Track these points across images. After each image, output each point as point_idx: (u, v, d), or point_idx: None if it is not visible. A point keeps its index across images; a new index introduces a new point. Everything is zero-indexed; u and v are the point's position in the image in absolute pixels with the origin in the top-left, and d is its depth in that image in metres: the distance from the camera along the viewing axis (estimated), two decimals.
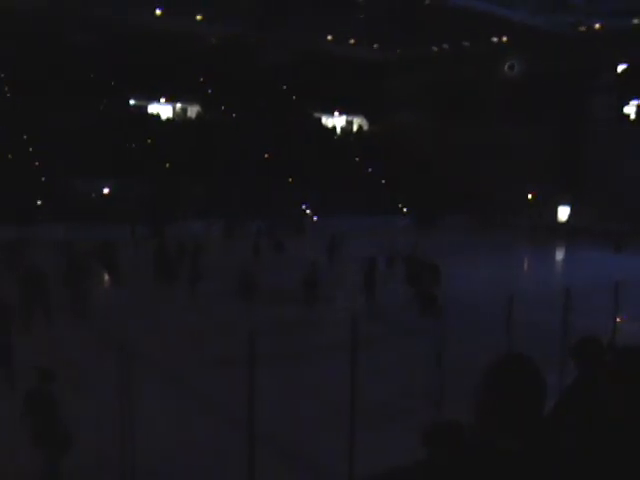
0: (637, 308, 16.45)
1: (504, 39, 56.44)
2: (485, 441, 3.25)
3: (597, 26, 50.81)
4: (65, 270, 21.37)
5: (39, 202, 42.57)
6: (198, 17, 52.16)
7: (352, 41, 59.30)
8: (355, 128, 73.32)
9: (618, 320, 16.18)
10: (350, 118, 73.58)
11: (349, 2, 47.61)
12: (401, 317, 20.88)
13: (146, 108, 60.65)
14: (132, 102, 59.34)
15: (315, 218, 49.64)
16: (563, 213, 55.94)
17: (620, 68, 56.30)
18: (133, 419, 9.00)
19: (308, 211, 50.74)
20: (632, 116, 56.19)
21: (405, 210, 55.65)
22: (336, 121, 72.45)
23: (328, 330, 19.84)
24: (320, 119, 71.00)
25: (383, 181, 58.61)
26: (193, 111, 63.00)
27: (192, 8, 50.00)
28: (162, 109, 61.40)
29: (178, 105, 63.00)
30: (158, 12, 50.98)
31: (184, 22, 52.38)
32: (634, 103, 55.87)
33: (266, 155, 56.04)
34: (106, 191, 45.92)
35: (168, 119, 60.89)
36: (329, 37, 58.18)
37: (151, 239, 35.05)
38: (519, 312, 12.78)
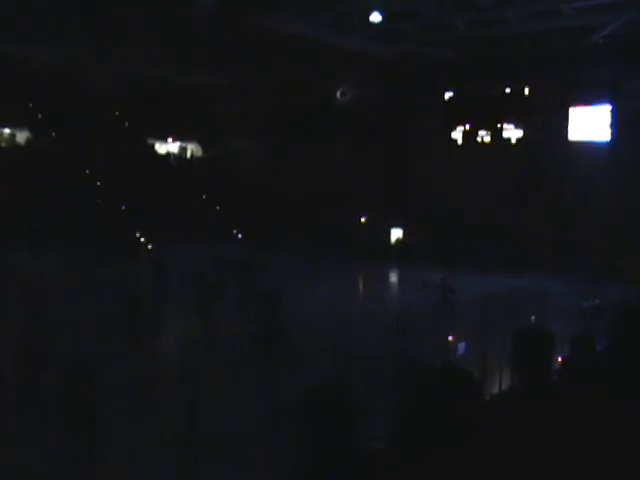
0: (468, 326, 16.89)
1: (338, 65, 57.30)
2: None
3: (428, 54, 52.72)
4: None
5: None
6: (27, 40, 50.41)
7: (186, 67, 58.82)
8: (189, 155, 72.85)
9: (450, 339, 16.60)
10: (184, 144, 73.03)
11: (183, 28, 47.29)
12: (237, 346, 20.56)
13: None
14: None
15: (150, 246, 48.70)
16: (396, 236, 57.28)
17: (447, 96, 58.70)
18: None
19: (142, 239, 49.76)
20: (459, 141, 58.54)
21: (240, 237, 55.49)
22: (170, 147, 71.76)
23: (166, 361, 19.46)
24: (154, 146, 70.11)
25: (218, 207, 58.43)
26: (22, 137, 60.95)
27: (21, 31, 48.26)
28: None
29: (6, 130, 60.80)
30: None
31: (12, 45, 50.51)
32: (460, 129, 58.25)
33: (98, 183, 54.81)
34: None
35: None
36: (162, 63, 57.50)
37: None
38: (354, 338, 12.83)
